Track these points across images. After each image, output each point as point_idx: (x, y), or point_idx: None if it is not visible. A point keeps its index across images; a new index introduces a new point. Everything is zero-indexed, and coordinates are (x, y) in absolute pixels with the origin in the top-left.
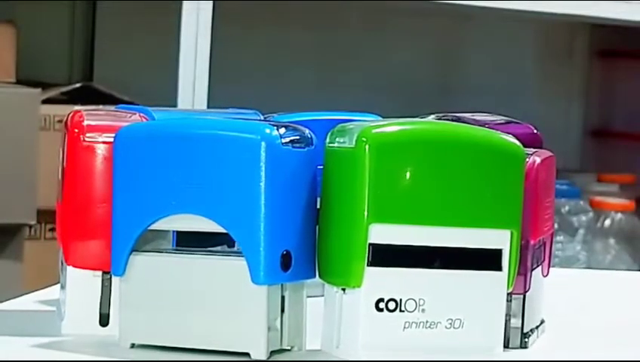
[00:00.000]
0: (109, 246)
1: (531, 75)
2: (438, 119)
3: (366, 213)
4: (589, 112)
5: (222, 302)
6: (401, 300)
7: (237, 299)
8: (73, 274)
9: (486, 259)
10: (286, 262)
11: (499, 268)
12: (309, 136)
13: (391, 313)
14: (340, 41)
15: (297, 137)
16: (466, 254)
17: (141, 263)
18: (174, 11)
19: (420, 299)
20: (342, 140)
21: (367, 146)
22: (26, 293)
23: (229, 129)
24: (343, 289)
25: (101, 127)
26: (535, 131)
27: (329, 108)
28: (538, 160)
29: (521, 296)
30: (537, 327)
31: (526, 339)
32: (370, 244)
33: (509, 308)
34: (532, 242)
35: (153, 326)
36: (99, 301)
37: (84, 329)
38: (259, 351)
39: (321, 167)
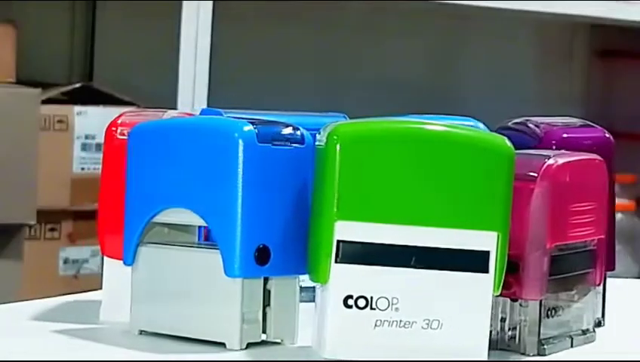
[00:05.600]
0: None
1: (531, 75)
2: (504, 128)
3: (333, 210)
4: (589, 112)
5: (203, 293)
6: (372, 298)
7: (215, 290)
8: (109, 264)
9: (470, 261)
10: (262, 256)
11: (484, 270)
12: (300, 134)
13: (361, 310)
14: (340, 40)
15: (281, 136)
16: (448, 255)
17: (144, 254)
18: (174, 11)
19: (393, 298)
20: (321, 138)
21: (336, 144)
22: (26, 293)
23: (212, 127)
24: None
25: (135, 124)
26: (606, 135)
27: (329, 108)
28: (560, 161)
29: (537, 302)
30: (573, 335)
31: (544, 346)
32: (338, 241)
33: (524, 313)
34: (548, 246)
35: (153, 314)
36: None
37: (120, 316)
38: (233, 342)
39: None
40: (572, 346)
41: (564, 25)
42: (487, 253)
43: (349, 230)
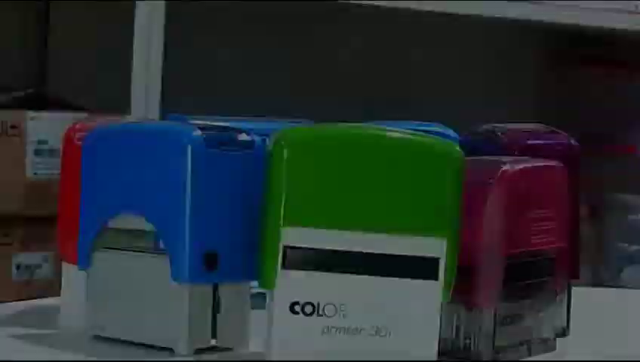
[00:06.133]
0: None
1: (484, 81)
2: (471, 133)
3: (279, 215)
4: (542, 118)
5: (153, 299)
6: (319, 304)
7: (164, 295)
8: (66, 269)
9: (418, 268)
10: (210, 261)
11: (433, 277)
12: (251, 140)
13: (308, 317)
14: (294, 44)
15: (230, 141)
16: (397, 261)
17: (97, 260)
18: (128, 14)
19: (340, 305)
20: (269, 143)
21: (283, 149)
22: None
23: (161, 132)
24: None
25: (92, 128)
26: (572, 142)
27: (294, 113)
28: (516, 167)
29: (492, 310)
30: (531, 344)
31: (499, 355)
32: (285, 247)
33: (479, 321)
34: (504, 254)
35: (107, 319)
36: None
37: (79, 321)
38: (180, 347)
39: None
40: (530, 355)
41: (517, 30)
42: (436, 260)
43: (295, 236)
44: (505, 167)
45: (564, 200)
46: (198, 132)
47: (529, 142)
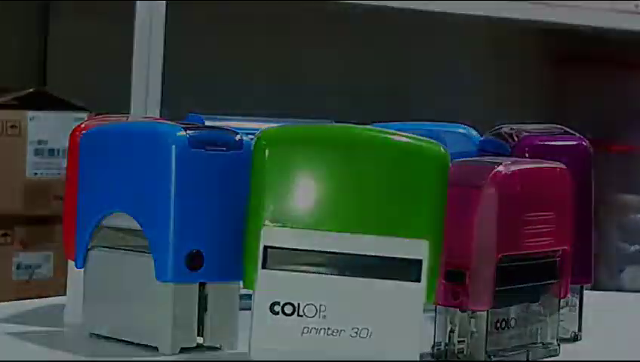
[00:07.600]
0: None
1: (484, 80)
2: (491, 134)
3: (260, 214)
4: (543, 116)
5: (140, 297)
6: (299, 305)
7: (150, 294)
8: (72, 267)
9: (401, 269)
10: (194, 261)
11: (415, 278)
12: (238, 140)
13: (288, 317)
14: (294, 45)
15: (216, 141)
16: (378, 263)
17: (92, 258)
18: (129, 14)
19: (320, 305)
20: (252, 142)
21: (264, 148)
22: None
23: (147, 132)
24: None
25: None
26: (584, 143)
27: (283, 113)
28: (512, 168)
29: (485, 313)
30: (530, 349)
31: (493, 359)
32: (265, 247)
33: (473, 324)
34: (497, 256)
35: (100, 317)
36: None
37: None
38: (165, 346)
39: None
40: (528, 359)
41: (517, 29)
42: (418, 261)
43: (276, 235)
44: (499, 168)
45: (566, 202)
46: (183, 132)
47: (539, 143)
